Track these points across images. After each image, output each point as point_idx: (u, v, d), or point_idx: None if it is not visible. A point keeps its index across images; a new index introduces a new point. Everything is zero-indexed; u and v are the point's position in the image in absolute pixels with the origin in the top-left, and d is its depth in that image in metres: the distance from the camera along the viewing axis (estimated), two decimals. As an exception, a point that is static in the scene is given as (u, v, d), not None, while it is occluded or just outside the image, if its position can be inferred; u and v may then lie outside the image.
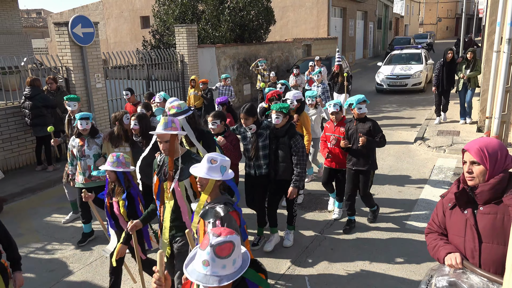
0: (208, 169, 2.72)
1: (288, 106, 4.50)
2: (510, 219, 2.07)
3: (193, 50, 12.24)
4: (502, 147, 2.18)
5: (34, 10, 52.62)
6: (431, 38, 34.16)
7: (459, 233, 2.27)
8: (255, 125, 4.56)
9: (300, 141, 4.49)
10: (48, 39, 29.04)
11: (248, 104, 4.55)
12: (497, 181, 2.13)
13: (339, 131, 5.20)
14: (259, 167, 4.69)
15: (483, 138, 2.23)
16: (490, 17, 8.73)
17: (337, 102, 5.16)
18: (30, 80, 7.27)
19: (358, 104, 4.83)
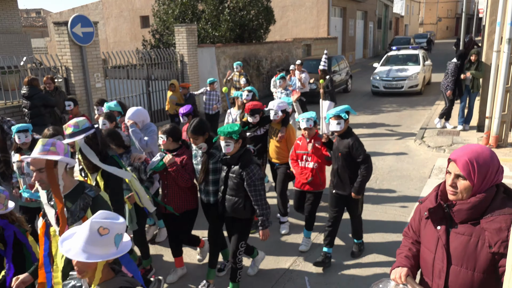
0: (94, 244, 1.78)
1: (238, 130, 3.61)
2: (484, 245, 1.85)
3: (193, 50, 12.23)
4: (494, 160, 1.90)
5: (34, 10, 52.61)
6: (431, 38, 34.15)
7: (430, 248, 2.06)
8: (206, 143, 3.86)
9: (256, 172, 3.64)
10: (47, 38, 29.02)
11: (196, 120, 3.90)
12: (478, 200, 1.87)
13: (313, 148, 4.56)
14: (207, 194, 4.00)
15: (474, 147, 1.93)
16: (490, 17, 8.72)
17: (310, 116, 4.46)
18: (28, 79, 7.24)
19: (332, 119, 4.12)
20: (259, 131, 5.46)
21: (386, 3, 35.62)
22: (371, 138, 9.50)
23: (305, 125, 4.45)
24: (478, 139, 8.53)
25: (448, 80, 9.13)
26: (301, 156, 4.64)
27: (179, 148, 4.03)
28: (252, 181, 3.63)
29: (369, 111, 12.43)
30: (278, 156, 5.27)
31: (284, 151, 5.20)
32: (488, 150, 1.92)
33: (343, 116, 4.13)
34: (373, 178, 6.94)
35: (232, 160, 3.70)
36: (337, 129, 4.13)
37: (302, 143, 4.66)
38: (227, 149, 3.63)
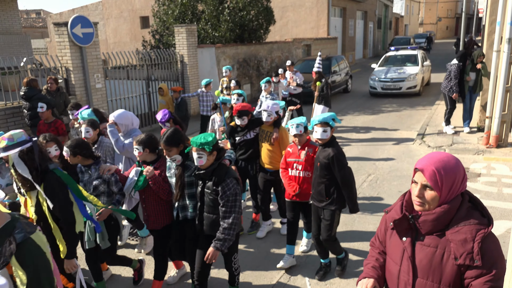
0: None
1: (212, 140, 3.27)
2: (450, 257, 1.79)
3: (192, 50, 12.23)
4: (460, 169, 1.83)
5: (34, 11, 52.65)
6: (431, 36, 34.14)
7: (396, 260, 1.99)
8: (180, 155, 3.53)
9: (232, 187, 3.28)
10: (47, 39, 29.03)
11: (170, 130, 3.57)
12: (443, 211, 1.81)
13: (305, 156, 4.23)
14: (184, 209, 3.66)
15: (440, 156, 1.86)
16: (490, 16, 8.72)
17: (300, 122, 4.13)
18: (27, 80, 7.24)
19: (317, 126, 3.78)
20: (249, 135, 5.06)
21: (386, 3, 35.63)
22: (371, 138, 9.50)
23: (295, 131, 4.11)
24: (478, 139, 8.53)
25: (452, 83, 8.88)
26: (292, 164, 4.31)
27: (157, 160, 3.74)
28: (226, 196, 3.26)
29: (369, 111, 12.43)
30: (272, 161, 4.91)
31: (278, 155, 4.87)
32: (454, 158, 1.85)
33: (330, 123, 3.78)
34: (373, 178, 6.94)
35: (205, 175, 3.32)
36: (323, 137, 3.78)
37: (293, 150, 4.33)
38: (199, 161, 3.26)
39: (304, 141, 4.23)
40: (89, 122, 4.52)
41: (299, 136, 4.16)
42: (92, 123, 4.53)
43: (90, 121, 4.49)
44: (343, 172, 3.77)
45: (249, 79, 14.83)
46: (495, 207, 5.63)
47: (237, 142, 5.10)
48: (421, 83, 14.28)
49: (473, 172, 6.97)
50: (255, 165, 5.11)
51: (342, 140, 9.44)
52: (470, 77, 8.76)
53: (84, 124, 4.48)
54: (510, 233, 4.88)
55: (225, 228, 3.27)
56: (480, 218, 1.80)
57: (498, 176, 6.73)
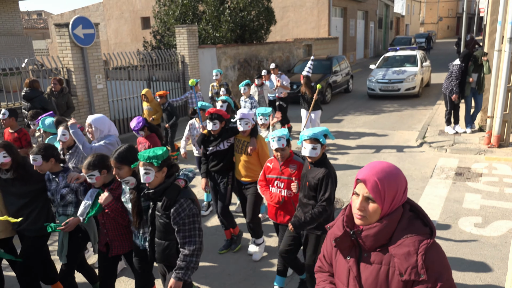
0: None
1: (162, 154, 2.82)
2: (395, 273, 1.68)
3: (193, 51, 12.24)
4: (401, 179, 1.73)
5: (35, 12, 52.76)
6: (431, 36, 34.09)
7: (343, 280, 1.87)
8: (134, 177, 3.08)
9: (186, 207, 2.82)
10: (48, 40, 29.09)
11: (124, 146, 3.14)
12: (384, 224, 1.69)
13: (288, 172, 3.78)
14: (145, 238, 3.23)
15: (381, 165, 1.74)
16: (491, 16, 8.71)
17: (282, 134, 3.70)
18: (29, 81, 7.24)
19: (306, 142, 3.36)
20: (222, 145, 4.54)
21: (387, 3, 35.60)
22: (372, 138, 9.49)
23: (277, 145, 3.68)
24: (480, 138, 8.52)
25: (453, 84, 8.82)
26: (273, 181, 3.87)
27: (114, 179, 3.31)
28: (180, 219, 2.80)
29: (371, 111, 12.42)
30: (248, 173, 4.45)
31: (256, 166, 4.43)
32: (395, 168, 1.75)
33: (321, 140, 3.36)
34: (374, 178, 6.93)
35: (155, 195, 2.86)
36: (312, 155, 3.35)
37: (274, 165, 3.91)
38: (146, 178, 2.81)
39: (287, 155, 3.79)
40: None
41: (281, 151, 3.73)
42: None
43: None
44: (329, 198, 3.34)
45: (250, 79, 14.84)
46: (496, 207, 5.62)
47: (208, 152, 4.61)
48: (420, 84, 14.00)
49: (474, 172, 6.96)
50: (228, 177, 4.62)
51: (343, 140, 9.44)
52: (472, 78, 8.69)
53: (61, 127, 4.18)
54: (511, 233, 4.88)
55: (186, 255, 2.82)
56: (422, 228, 1.70)
57: (500, 176, 6.72)
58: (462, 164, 7.38)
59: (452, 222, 5.25)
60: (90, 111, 9.02)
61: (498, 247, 4.61)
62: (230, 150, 4.59)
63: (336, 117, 11.95)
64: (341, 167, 7.60)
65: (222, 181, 4.62)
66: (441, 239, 4.86)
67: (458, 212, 5.52)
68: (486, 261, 4.36)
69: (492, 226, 5.10)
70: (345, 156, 8.26)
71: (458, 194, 6.10)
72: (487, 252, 4.53)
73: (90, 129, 4.15)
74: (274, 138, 3.70)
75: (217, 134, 4.51)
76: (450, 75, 8.93)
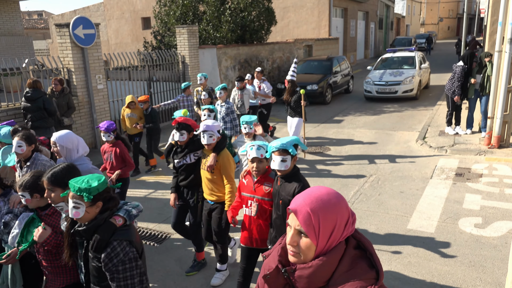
0: None
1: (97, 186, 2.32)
2: None
3: (194, 51, 12.25)
4: (343, 210, 1.44)
5: (36, 12, 52.80)
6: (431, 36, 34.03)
7: None
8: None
9: (120, 253, 2.29)
10: (49, 40, 29.11)
11: (61, 166, 2.72)
12: (321, 263, 1.41)
13: (262, 191, 3.34)
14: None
15: (318, 193, 1.46)
16: (491, 17, 8.71)
17: (264, 144, 3.30)
18: (31, 81, 7.24)
19: (275, 154, 3.05)
20: (189, 158, 4.22)
21: (387, 3, 35.60)
22: (372, 138, 9.49)
23: (255, 153, 3.22)
24: (480, 139, 8.52)
25: (455, 85, 8.77)
26: (246, 200, 3.42)
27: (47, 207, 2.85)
28: (113, 265, 2.27)
29: (371, 112, 12.42)
30: (213, 192, 4.08)
31: (220, 185, 4.04)
32: (336, 196, 1.46)
33: (291, 151, 3.04)
34: (374, 179, 6.93)
35: (86, 233, 2.35)
36: (281, 168, 3.04)
37: (248, 182, 3.44)
38: (74, 213, 2.31)
39: (263, 170, 3.33)
40: (23, 135, 3.76)
41: (258, 162, 3.27)
42: (27, 136, 3.76)
43: (25, 133, 3.77)
44: None
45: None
46: (497, 207, 5.62)
47: (176, 165, 4.31)
48: (418, 87, 13.71)
49: (475, 173, 6.96)
50: (198, 193, 4.29)
51: (343, 141, 9.44)
52: (475, 79, 8.62)
53: (17, 137, 3.72)
54: (511, 234, 4.88)
55: None
56: (367, 271, 1.42)
57: (500, 177, 6.72)
58: (462, 165, 7.38)
59: (452, 223, 5.25)
60: (91, 111, 9.03)
61: (498, 247, 4.61)
62: (198, 164, 4.22)
63: (337, 117, 11.95)
64: (341, 168, 7.60)
65: (191, 198, 4.30)
66: (441, 239, 4.86)
67: (458, 213, 5.52)
68: (486, 262, 4.36)
69: (492, 226, 5.10)
70: (345, 156, 8.26)
71: (458, 195, 6.10)
72: (487, 252, 4.53)
73: (55, 148, 3.68)
74: (253, 146, 3.26)
75: (183, 146, 4.20)
76: (453, 76, 8.90)
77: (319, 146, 9.10)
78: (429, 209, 5.67)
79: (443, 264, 4.37)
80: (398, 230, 5.15)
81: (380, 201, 6.04)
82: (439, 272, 4.22)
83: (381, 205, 5.90)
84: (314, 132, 10.37)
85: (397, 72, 13.80)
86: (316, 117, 12.05)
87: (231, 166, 4.02)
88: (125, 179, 5.16)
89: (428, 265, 4.36)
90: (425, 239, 4.90)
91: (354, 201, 6.09)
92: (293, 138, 3.12)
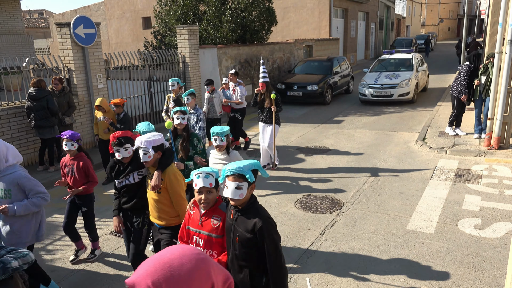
0: None
1: None
2: None
3: (194, 51, 12.25)
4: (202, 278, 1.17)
5: (36, 11, 52.81)
6: (433, 39, 33.98)
7: None
8: None
9: None
10: (50, 39, 29.11)
11: None
12: None
13: (210, 226, 2.79)
14: None
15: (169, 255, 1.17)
16: (492, 18, 8.72)
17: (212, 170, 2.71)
18: (35, 81, 7.23)
19: (229, 180, 2.54)
20: (132, 178, 3.76)
21: (388, 4, 35.62)
22: (372, 139, 9.50)
23: (202, 183, 2.65)
24: (480, 140, 8.53)
25: (461, 84, 8.66)
26: (191, 236, 2.86)
27: None
28: None
29: (371, 112, 12.43)
30: (161, 215, 3.54)
31: (168, 206, 3.52)
32: (194, 259, 1.17)
33: (248, 177, 2.53)
34: (374, 179, 6.94)
35: None
36: (235, 196, 2.51)
37: (195, 214, 2.87)
38: None
39: (213, 201, 2.75)
40: None
41: (207, 193, 2.68)
42: None
43: None
44: (276, 252, 2.52)
45: (251, 79, 14.84)
46: (496, 208, 5.63)
47: (117, 186, 3.83)
48: (414, 90, 13.26)
49: (474, 174, 6.96)
50: (144, 216, 3.81)
51: (343, 141, 9.44)
52: (478, 80, 8.54)
53: None
54: (511, 235, 4.88)
55: None
56: None
57: (500, 178, 6.72)
58: (462, 166, 7.39)
59: (451, 224, 5.26)
60: (91, 110, 9.03)
61: (498, 248, 4.62)
62: (143, 184, 3.76)
63: (337, 118, 11.96)
64: (341, 169, 7.60)
65: (136, 221, 3.82)
66: (440, 240, 4.87)
67: (458, 214, 5.52)
68: (486, 263, 4.36)
69: (492, 227, 5.10)
70: (345, 157, 8.27)
71: (458, 196, 6.11)
72: (487, 253, 4.54)
73: None
74: (199, 174, 2.67)
75: (127, 164, 3.73)
76: (458, 76, 8.81)
77: (319, 146, 9.10)
78: (428, 210, 5.67)
79: (442, 265, 4.37)
80: (397, 231, 5.16)
81: (379, 202, 6.04)
82: (438, 273, 4.23)
83: (380, 206, 5.91)
84: (314, 132, 10.38)
85: (393, 75, 13.38)
86: (316, 118, 12.06)
87: (180, 184, 3.50)
88: (89, 196, 4.74)
89: (427, 266, 4.36)
90: (425, 240, 4.90)
91: (353, 202, 6.09)
92: (252, 162, 2.64)
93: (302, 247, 4.87)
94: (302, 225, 5.42)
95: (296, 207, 6.00)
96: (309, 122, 11.41)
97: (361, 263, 4.50)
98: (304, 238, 5.08)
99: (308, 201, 6.20)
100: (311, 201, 6.20)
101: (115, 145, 3.64)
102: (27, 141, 8.08)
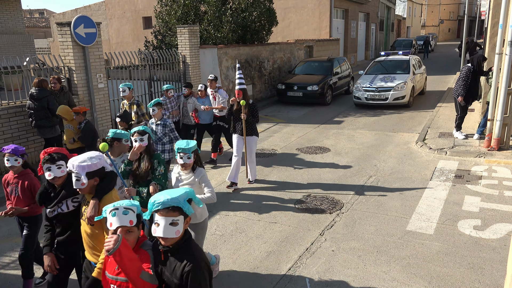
0: None
1: None
2: None
3: (195, 51, 12.26)
4: None
5: (37, 10, 52.79)
6: (433, 40, 33.89)
7: None
8: None
9: None
10: (50, 39, 29.12)
11: None
12: None
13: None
14: None
15: None
16: (492, 19, 8.73)
17: (132, 204, 2.29)
18: (38, 80, 7.24)
19: (158, 214, 2.13)
20: (65, 206, 3.14)
21: (388, 5, 35.63)
22: (372, 139, 9.50)
23: (118, 222, 2.23)
24: (480, 141, 8.53)
25: (458, 85, 8.61)
26: (109, 284, 2.37)
27: None
28: None
29: (371, 113, 12.43)
30: (95, 251, 2.97)
31: (102, 242, 2.87)
32: None
33: (185, 210, 2.17)
34: (374, 180, 6.94)
35: None
36: (170, 235, 2.13)
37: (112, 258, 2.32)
38: None
39: (133, 243, 2.31)
40: None
41: (126, 233, 2.24)
42: None
43: None
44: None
45: (251, 80, 14.85)
46: (496, 209, 5.63)
47: (48, 215, 3.19)
48: (411, 93, 12.82)
49: (474, 175, 6.97)
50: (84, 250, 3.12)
51: (343, 142, 9.45)
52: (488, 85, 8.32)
53: None
54: (511, 236, 4.89)
55: None
56: None
57: (500, 179, 6.73)
58: (462, 167, 7.39)
59: (451, 225, 5.26)
60: (91, 110, 9.04)
61: (497, 249, 4.62)
62: (76, 214, 3.15)
63: (337, 118, 11.97)
64: (341, 169, 7.61)
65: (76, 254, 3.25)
66: (440, 241, 4.87)
67: (458, 215, 5.53)
68: (485, 264, 4.37)
69: (491, 228, 5.11)
70: (345, 157, 8.27)
71: (458, 197, 6.11)
72: (486, 254, 4.54)
73: None
74: (115, 210, 2.22)
75: (59, 188, 3.11)
76: (459, 77, 8.77)
77: (319, 147, 9.11)
78: (428, 211, 5.68)
79: (441, 265, 4.38)
80: (397, 232, 5.16)
81: (379, 202, 6.05)
82: (437, 274, 4.23)
83: (380, 206, 5.91)
84: (314, 132, 10.38)
85: (388, 78, 12.92)
86: (316, 118, 12.07)
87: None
88: (35, 218, 4.08)
89: (427, 267, 4.36)
90: (424, 240, 4.91)
91: (353, 202, 6.10)
92: (187, 190, 2.23)
93: (302, 247, 4.88)
94: (302, 226, 5.42)
95: (296, 208, 6.00)
96: (309, 123, 11.42)
97: (360, 263, 4.51)
98: (304, 239, 5.08)
99: (308, 202, 6.20)
100: (311, 202, 6.20)
101: (46, 161, 2.97)
102: (27, 140, 8.08)
